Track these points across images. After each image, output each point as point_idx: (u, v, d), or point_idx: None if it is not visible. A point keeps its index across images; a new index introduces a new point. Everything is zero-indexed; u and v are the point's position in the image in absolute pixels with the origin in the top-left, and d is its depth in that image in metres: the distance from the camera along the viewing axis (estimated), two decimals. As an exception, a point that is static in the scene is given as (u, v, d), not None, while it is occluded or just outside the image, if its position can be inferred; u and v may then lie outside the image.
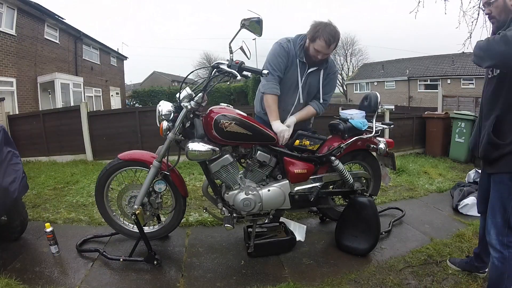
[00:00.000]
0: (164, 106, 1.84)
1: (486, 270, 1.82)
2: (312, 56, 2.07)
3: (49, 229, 2.02)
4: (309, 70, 2.15)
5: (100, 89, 15.72)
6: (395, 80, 24.03)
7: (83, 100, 11.20)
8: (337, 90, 34.94)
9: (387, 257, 2.07)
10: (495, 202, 1.45)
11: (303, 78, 2.16)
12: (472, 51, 1.42)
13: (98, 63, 15.60)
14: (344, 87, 31.53)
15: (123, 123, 5.25)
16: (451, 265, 1.94)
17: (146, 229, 2.13)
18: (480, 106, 1.61)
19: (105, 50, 16.59)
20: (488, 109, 1.49)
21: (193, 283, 1.82)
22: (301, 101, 2.21)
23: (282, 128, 2.04)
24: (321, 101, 2.27)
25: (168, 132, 1.81)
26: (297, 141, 2.09)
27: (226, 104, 2.01)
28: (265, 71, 1.86)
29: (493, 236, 1.46)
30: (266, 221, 2.33)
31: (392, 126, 2.45)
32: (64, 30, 11.72)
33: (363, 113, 2.27)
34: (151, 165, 1.90)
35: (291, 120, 2.15)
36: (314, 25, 2.02)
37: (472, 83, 18.53)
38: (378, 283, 1.80)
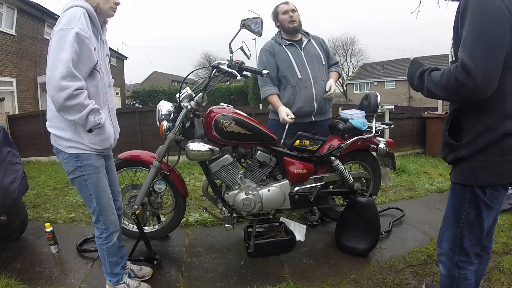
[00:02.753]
0: (164, 106, 1.84)
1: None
2: (288, 22, 2.27)
3: (49, 229, 2.02)
4: (303, 45, 2.32)
5: (100, 89, 15.67)
6: (395, 80, 24.04)
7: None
8: (337, 90, 35.02)
9: (387, 257, 2.07)
10: (447, 212, 1.26)
11: (303, 53, 2.30)
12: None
13: (98, 63, 15.57)
14: (344, 87, 31.52)
15: (123, 123, 5.16)
16: None
17: (146, 229, 2.13)
18: None
19: (105, 50, 16.55)
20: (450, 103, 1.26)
21: (193, 283, 1.82)
22: (313, 74, 2.28)
23: (284, 115, 2.13)
24: (334, 62, 2.45)
25: (168, 132, 1.81)
26: (297, 142, 2.09)
27: (226, 104, 2.01)
28: (265, 71, 1.86)
29: (444, 250, 1.27)
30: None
31: (392, 126, 2.44)
32: (64, 30, 11.71)
33: (363, 113, 2.27)
34: (151, 165, 1.90)
35: (331, 82, 2.31)
36: (272, 14, 2.38)
37: (472, 83, 18.51)
38: (378, 283, 1.80)
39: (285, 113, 2.12)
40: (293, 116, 2.12)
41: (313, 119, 2.33)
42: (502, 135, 1.05)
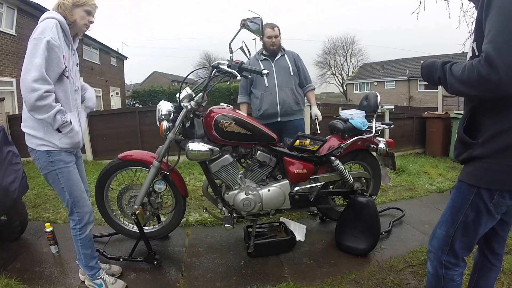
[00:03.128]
0: (164, 106, 1.84)
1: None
2: (269, 45, 2.63)
3: (49, 229, 2.02)
4: (276, 58, 2.68)
5: (100, 89, 15.72)
6: (395, 80, 24.01)
7: (83, 100, 11.16)
8: (337, 90, 35.02)
9: (387, 257, 2.07)
10: (446, 209, 1.22)
11: (273, 65, 2.66)
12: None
13: (98, 63, 15.61)
14: (344, 87, 31.52)
15: (123, 123, 5.25)
16: None
17: (146, 229, 2.13)
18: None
19: (105, 50, 16.60)
20: (466, 99, 1.20)
21: (193, 283, 1.82)
22: (278, 82, 2.63)
23: None
24: (306, 82, 2.79)
25: (168, 132, 1.81)
26: (297, 142, 2.09)
27: (226, 104, 2.01)
28: (265, 71, 1.86)
29: (434, 247, 1.25)
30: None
31: (392, 126, 2.45)
32: (64, 30, 11.70)
33: (363, 113, 2.27)
34: (151, 165, 1.90)
35: (315, 110, 2.76)
36: None
37: (472, 83, 18.49)
38: (378, 283, 1.80)
39: None
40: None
41: (279, 119, 2.65)
42: None
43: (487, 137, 1.04)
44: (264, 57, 2.69)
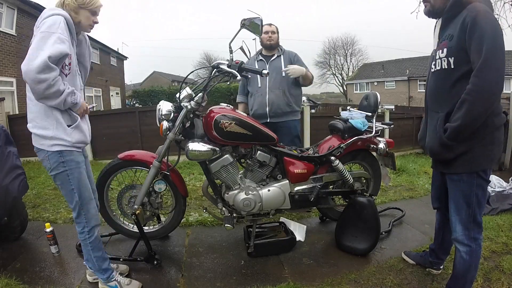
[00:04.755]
0: (164, 106, 1.84)
1: (441, 267, 1.87)
2: (266, 40, 2.63)
3: (49, 229, 2.02)
4: (271, 59, 2.66)
5: (100, 89, 15.73)
6: (395, 80, 24.04)
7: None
8: (337, 90, 35.03)
9: (387, 257, 2.07)
10: (457, 199, 1.44)
11: (267, 66, 2.64)
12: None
13: (98, 63, 15.59)
14: (344, 87, 31.53)
15: (123, 123, 5.25)
16: (405, 258, 2.01)
17: (146, 229, 2.13)
18: (425, 102, 1.56)
19: (105, 50, 16.60)
20: (435, 106, 1.45)
21: (193, 283, 1.82)
22: (269, 84, 2.59)
23: None
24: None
25: (168, 132, 1.81)
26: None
27: (226, 104, 2.01)
28: (264, 71, 1.86)
29: (460, 232, 1.45)
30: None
31: (392, 126, 2.45)
32: (64, 30, 11.68)
33: (363, 113, 2.27)
34: (151, 165, 1.90)
35: (294, 65, 2.56)
36: None
37: (472, 83, 18.49)
38: (378, 283, 1.80)
39: None
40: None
41: (268, 121, 2.60)
42: (493, 128, 1.33)
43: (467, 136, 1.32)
44: (260, 58, 2.69)
